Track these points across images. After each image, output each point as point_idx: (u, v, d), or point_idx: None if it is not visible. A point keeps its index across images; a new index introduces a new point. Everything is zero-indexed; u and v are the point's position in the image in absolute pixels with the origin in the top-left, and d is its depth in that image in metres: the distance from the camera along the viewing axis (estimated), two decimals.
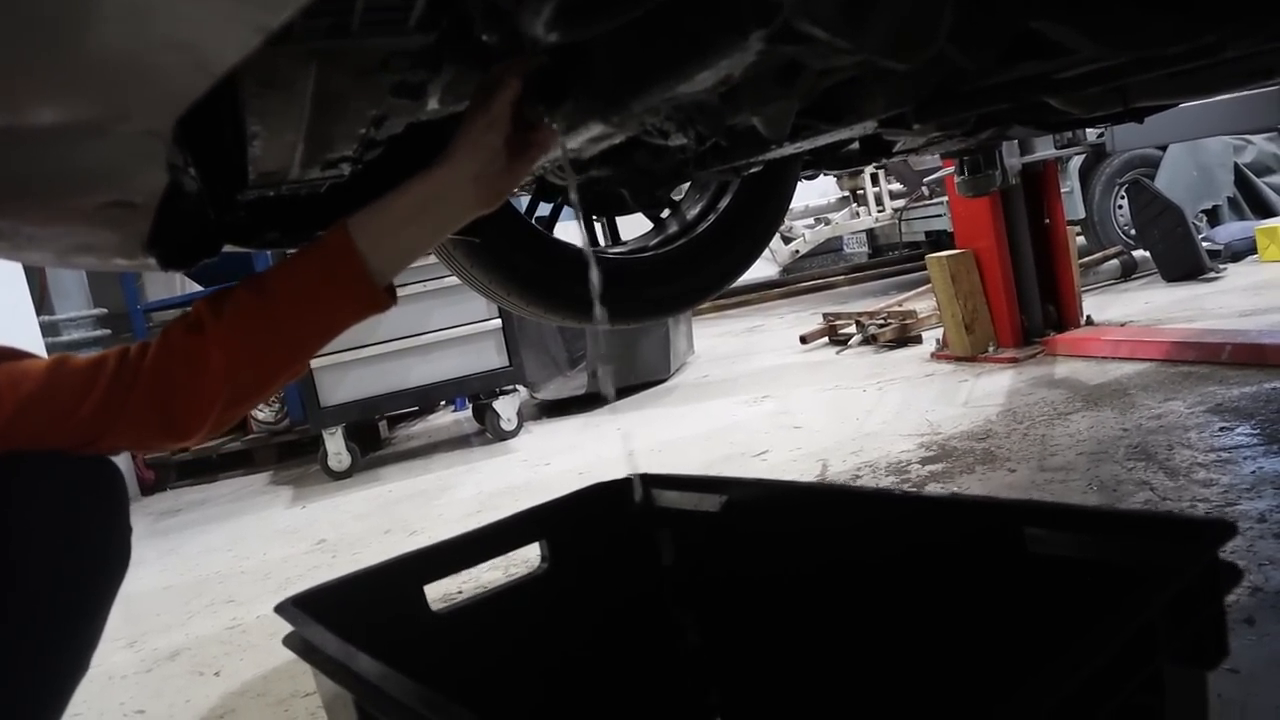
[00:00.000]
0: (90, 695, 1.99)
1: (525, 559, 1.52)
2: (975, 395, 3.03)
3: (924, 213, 6.53)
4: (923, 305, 4.49)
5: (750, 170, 1.70)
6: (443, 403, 5.07)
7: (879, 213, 7.12)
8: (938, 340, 3.82)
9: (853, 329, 4.59)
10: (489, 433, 4.03)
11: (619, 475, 1.33)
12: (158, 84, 0.50)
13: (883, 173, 6.95)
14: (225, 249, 1.29)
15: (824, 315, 4.91)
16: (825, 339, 4.76)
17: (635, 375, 4.52)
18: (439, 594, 1.18)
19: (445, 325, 3.83)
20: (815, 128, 1.23)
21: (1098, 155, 5.33)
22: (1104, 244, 5.33)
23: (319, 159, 1.06)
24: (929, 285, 3.93)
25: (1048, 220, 3.57)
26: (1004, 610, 0.88)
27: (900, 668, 1.02)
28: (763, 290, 7.72)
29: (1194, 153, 5.36)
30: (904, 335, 4.27)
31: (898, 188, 7.02)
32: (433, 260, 2.20)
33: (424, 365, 3.84)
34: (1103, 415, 2.47)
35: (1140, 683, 0.64)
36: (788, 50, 0.76)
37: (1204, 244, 4.65)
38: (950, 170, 3.51)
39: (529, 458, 3.58)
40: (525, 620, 1.23)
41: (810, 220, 7.50)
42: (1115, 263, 4.96)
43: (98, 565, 1.04)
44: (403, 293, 1.07)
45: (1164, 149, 5.31)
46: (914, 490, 2.13)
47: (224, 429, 1.04)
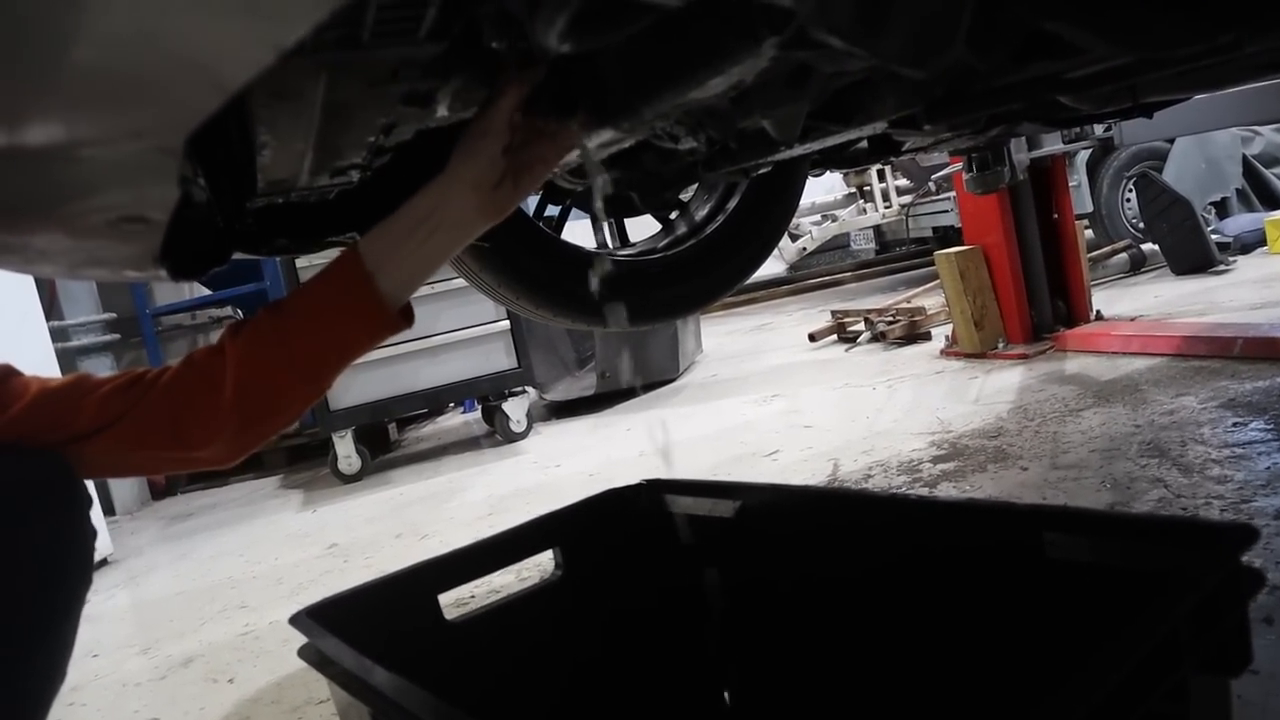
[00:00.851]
0: (104, 703, 2.00)
1: (537, 561, 1.52)
2: (986, 392, 3.02)
3: (931, 208, 6.51)
4: (931, 302, 4.47)
5: (759, 171, 1.69)
6: (452, 405, 5.07)
7: (886, 209, 7.11)
8: (947, 337, 3.81)
9: (861, 326, 4.57)
10: (499, 434, 4.03)
11: (630, 477, 1.33)
12: (171, 102, 0.50)
13: (890, 169, 6.93)
14: (235, 256, 1.30)
15: (832, 312, 4.90)
16: (834, 336, 4.74)
17: (644, 375, 4.51)
18: (451, 599, 1.18)
19: (454, 327, 3.83)
20: (825, 129, 1.22)
21: (1105, 149, 5.32)
22: (1112, 238, 5.31)
23: (328, 167, 1.06)
24: (937, 281, 3.92)
25: (1056, 215, 3.55)
26: (1022, 617, 0.88)
27: (917, 676, 1.01)
28: (770, 288, 7.72)
29: (1202, 145, 5.33)
30: (913, 332, 4.26)
31: (905, 184, 7.00)
32: None
33: (433, 367, 3.85)
34: (1115, 411, 2.46)
35: (1165, 692, 0.64)
36: (800, 55, 0.76)
37: (1213, 237, 4.62)
38: (958, 166, 3.50)
39: (539, 459, 3.58)
40: (539, 628, 1.22)
41: (817, 217, 7.49)
42: (1124, 257, 4.94)
43: (53, 570, 0.99)
44: (412, 296, 1.07)
45: (1172, 142, 5.28)
46: (929, 495, 2.12)
47: (246, 453, 1.04)
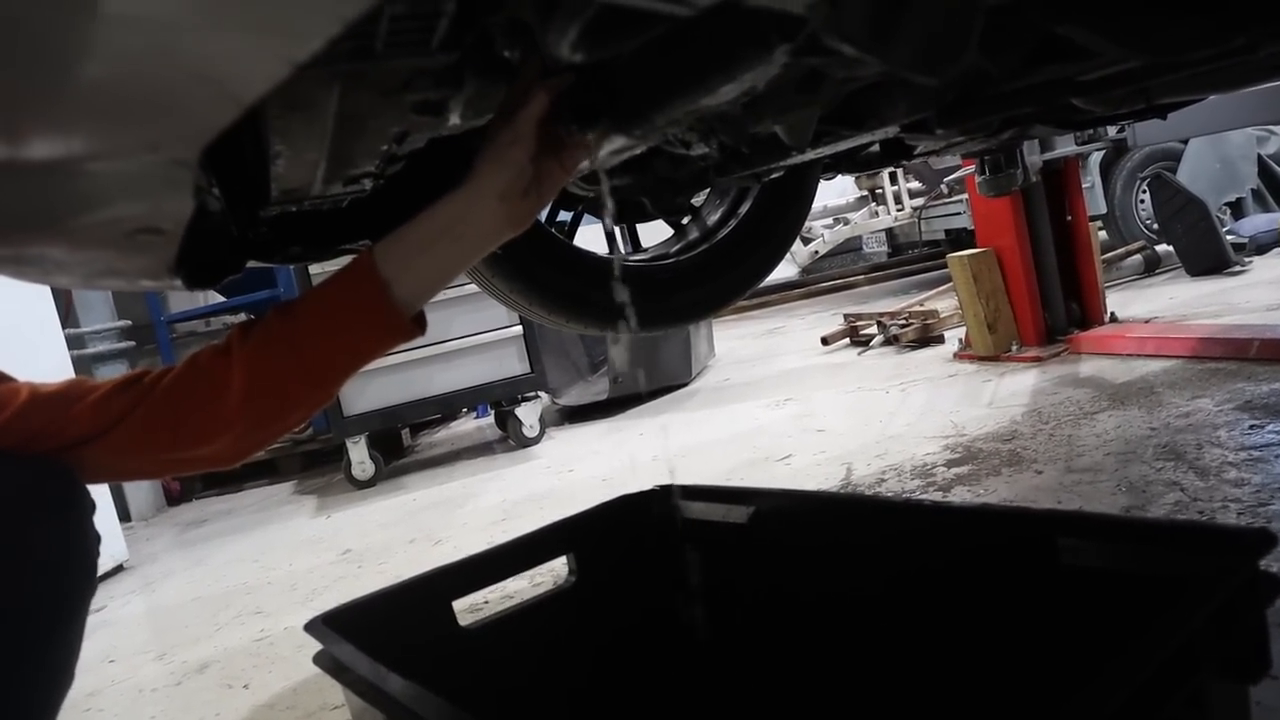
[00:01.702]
0: (120, 709, 2.01)
1: (550, 567, 1.52)
2: (1000, 395, 3.01)
3: (944, 211, 6.49)
4: (944, 305, 4.46)
5: (771, 175, 1.69)
6: (465, 410, 5.08)
7: (898, 212, 7.10)
8: (960, 340, 3.80)
9: (874, 329, 4.56)
10: (511, 439, 4.04)
11: (643, 482, 1.33)
12: (187, 116, 0.51)
13: (901, 171, 6.92)
14: (249, 264, 1.30)
15: (845, 316, 4.89)
16: (846, 340, 4.74)
17: (657, 379, 4.51)
18: (465, 605, 1.18)
19: (467, 333, 3.84)
20: (837, 134, 1.22)
21: (1118, 150, 5.30)
22: (1126, 239, 5.29)
23: (341, 175, 1.06)
24: (950, 284, 3.91)
25: (1069, 217, 3.54)
26: (1037, 623, 0.87)
27: (932, 682, 1.01)
28: (783, 291, 7.72)
29: (1216, 145, 5.30)
30: (926, 335, 4.25)
31: (917, 186, 6.99)
32: None
33: (446, 373, 3.86)
34: (1130, 414, 2.44)
35: (1183, 698, 0.63)
36: (811, 61, 0.76)
37: (1228, 237, 4.60)
38: (970, 169, 3.49)
39: (552, 464, 3.58)
40: (554, 634, 1.23)
41: (829, 220, 7.48)
42: (1138, 258, 4.91)
43: (57, 574, 0.97)
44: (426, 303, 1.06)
45: (1185, 142, 5.26)
46: (943, 500, 2.12)
47: (252, 454, 1.02)
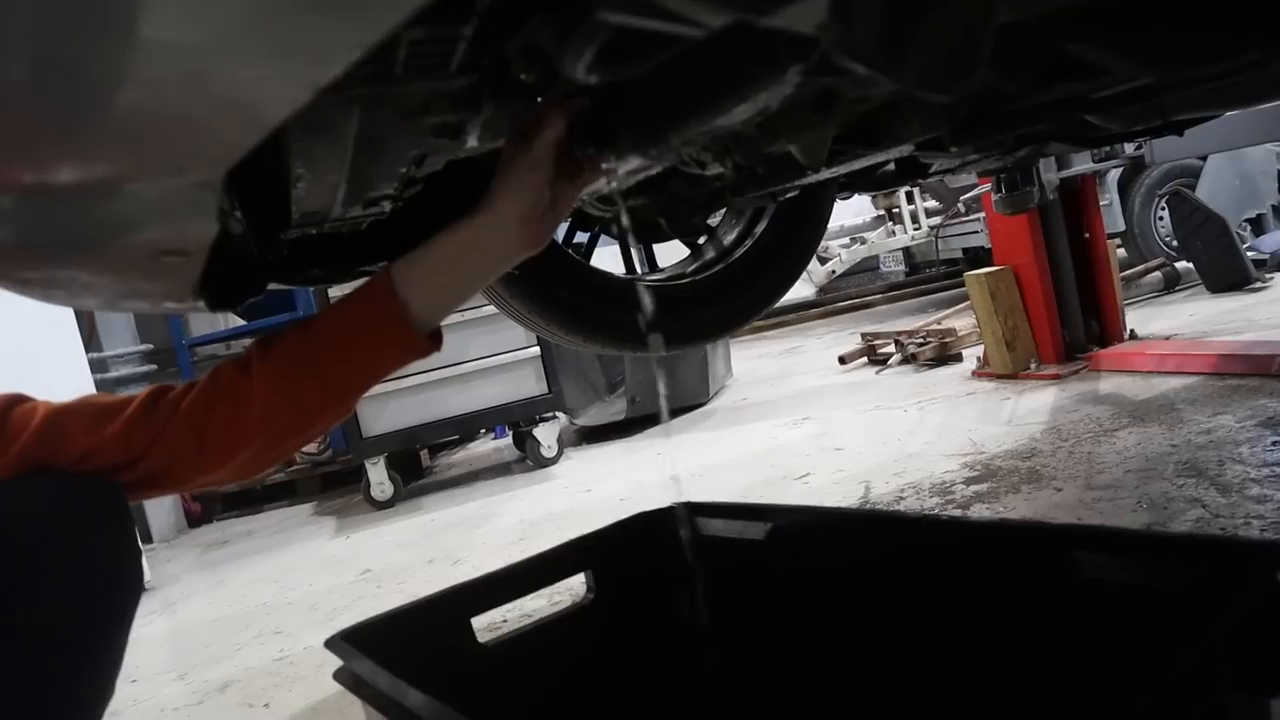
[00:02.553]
0: None
1: (568, 585, 1.52)
2: (1019, 413, 2.99)
3: (961, 229, 6.48)
4: (962, 323, 4.44)
5: (786, 195, 1.70)
6: (483, 431, 5.10)
7: (915, 231, 7.10)
8: (978, 358, 3.79)
9: (892, 348, 4.55)
10: (529, 460, 4.05)
11: (661, 502, 1.33)
12: (213, 139, 0.52)
13: (918, 190, 6.92)
14: (270, 287, 1.32)
15: (862, 335, 4.88)
16: (864, 359, 4.73)
17: (674, 399, 4.51)
18: (484, 623, 1.19)
19: (484, 354, 3.85)
20: (851, 153, 1.23)
21: (1136, 167, 5.28)
22: (1145, 256, 5.26)
23: (360, 197, 1.08)
24: (968, 303, 3.90)
25: (1087, 234, 3.53)
26: (1057, 637, 0.87)
27: (952, 696, 1.00)
28: (800, 311, 7.71)
29: (1236, 161, 5.27)
30: (944, 354, 4.23)
31: (933, 205, 6.98)
32: None
33: (464, 394, 3.87)
34: (1150, 431, 2.43)
35: (1202, 712, 0.63)
36: (824, 81, 0.77)
37: (1249, 254, 4.57)
38: (987, 187, 3.49)
39: (570, 484, 3.58)
40: (572, 651, 1.23)
41: (846, 240, 7.49)
42: (1158, 275, 4.89)
43: (110, 586, 1.02)
44: (442, 323, 1.08)
45: (1204, 159, 5.23)
46: (962, 516, 2.11)
47: (268, 469, 1.04)
